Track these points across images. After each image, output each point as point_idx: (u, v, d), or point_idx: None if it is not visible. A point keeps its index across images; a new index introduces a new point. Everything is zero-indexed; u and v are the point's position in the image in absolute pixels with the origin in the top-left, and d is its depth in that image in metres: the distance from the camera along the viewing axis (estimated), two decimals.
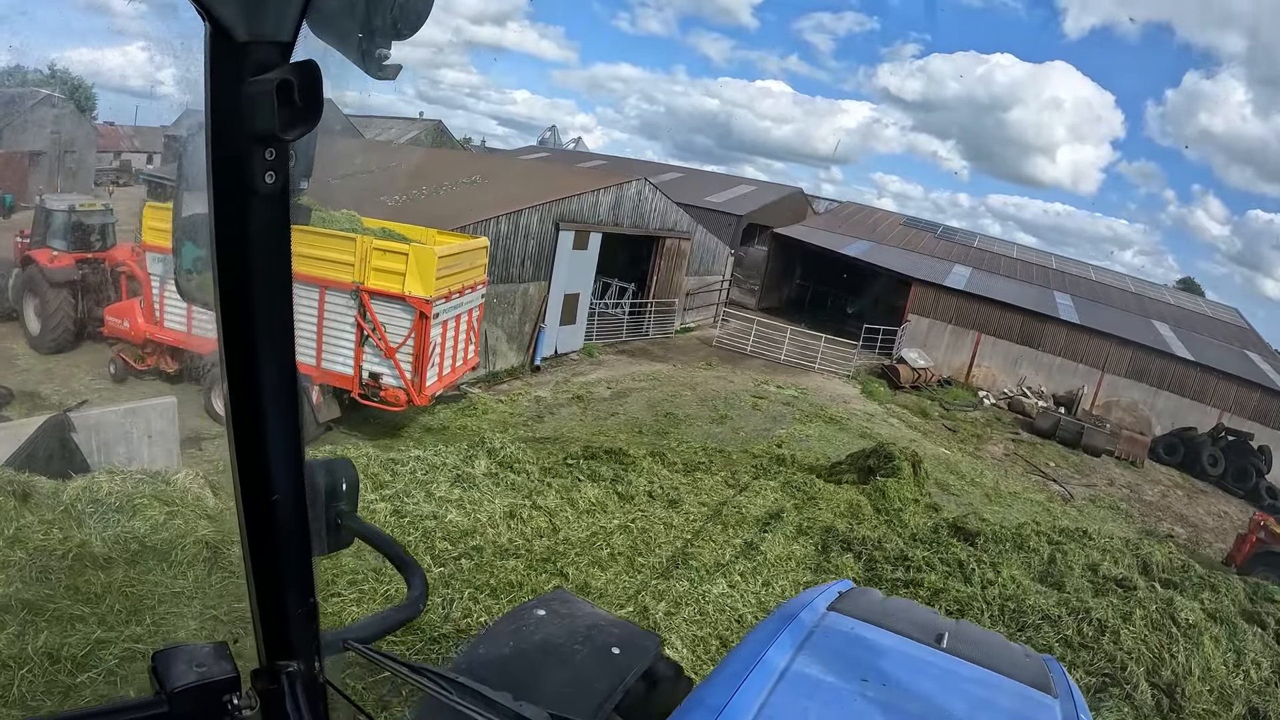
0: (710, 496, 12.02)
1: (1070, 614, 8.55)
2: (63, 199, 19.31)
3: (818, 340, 31.44)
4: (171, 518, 8.49)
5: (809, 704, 2.68)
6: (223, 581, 7.52)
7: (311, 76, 1.14)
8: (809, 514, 11.64)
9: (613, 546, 9.31)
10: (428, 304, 13.95)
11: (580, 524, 9.78)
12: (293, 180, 1.25)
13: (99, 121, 57.37)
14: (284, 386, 1.36)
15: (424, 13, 1.31)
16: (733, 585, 8.76)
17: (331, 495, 1.70)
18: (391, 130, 59.42)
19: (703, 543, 9.94)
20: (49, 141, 42.50)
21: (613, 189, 25.90)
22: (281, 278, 1.28)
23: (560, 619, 3.74)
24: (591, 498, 10.63)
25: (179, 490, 9.29)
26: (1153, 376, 31.77)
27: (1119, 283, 45.30)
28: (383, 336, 14.13)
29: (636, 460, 12.75)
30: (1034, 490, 22.12)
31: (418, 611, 1.93)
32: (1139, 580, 10.29)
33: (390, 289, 13.94)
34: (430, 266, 13.93)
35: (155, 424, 11.15)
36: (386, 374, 14.41)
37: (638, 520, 10.31)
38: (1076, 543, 11.54)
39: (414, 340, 14.12)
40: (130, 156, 58.22)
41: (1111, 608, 8.66)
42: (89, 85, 60.91)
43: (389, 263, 13.93)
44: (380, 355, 14.33)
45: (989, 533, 11.07)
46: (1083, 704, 3.24)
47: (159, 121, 57.12)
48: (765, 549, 9.89)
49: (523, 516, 9.43)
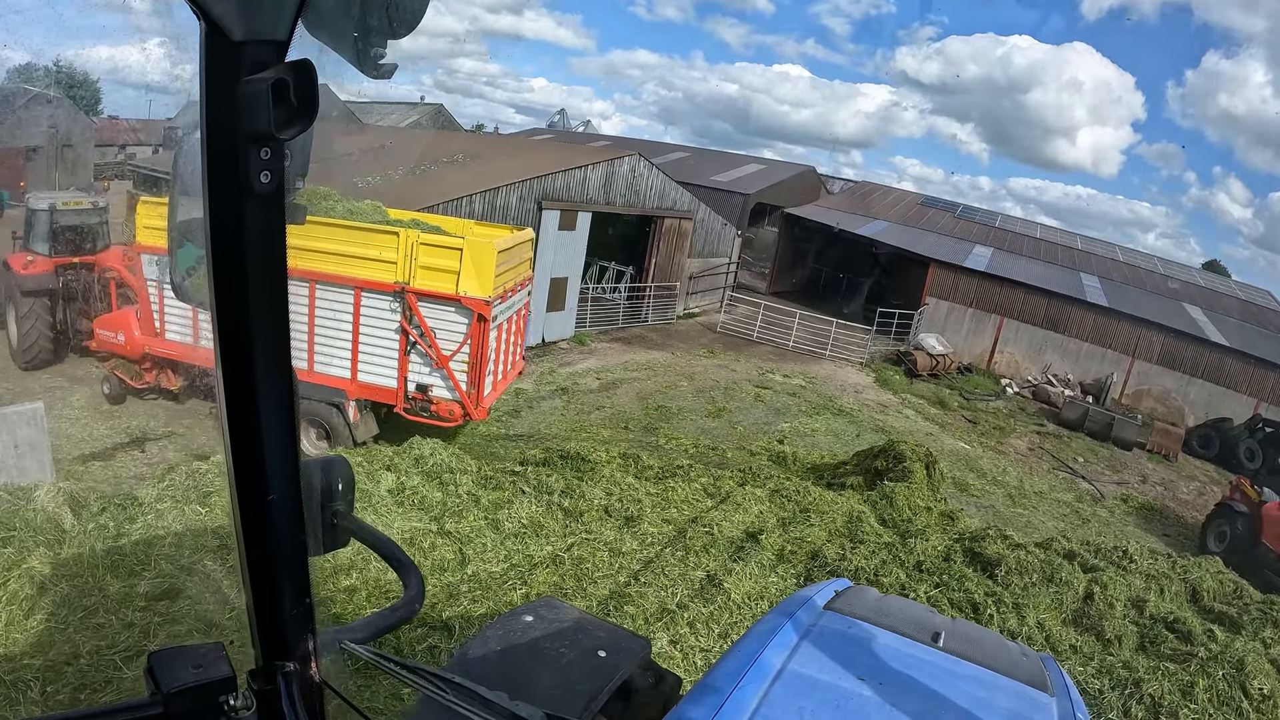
0: (680, 511, 10.21)
1: (1116, 687, 6.67)
2: (47, 196, 17.00)
3: (829, 325, 29.72)
4: (3, 546, 7.49)
5: (805, 703, 2.67)
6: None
7: (307, 76, 1.14)
8: (796, 533, 9.86)
9: (531, 584, 7.56)
10: (487, 305, 12.23)
11: (499, 554, 8.08)
12: (289, 180, 1.24)
13: (104, 116, 56.64)
14: (280, 386, 1.35)
15: (420, 11, 1.29)
16: (676, 640, 6.96)
17: (327, 495, 1.67)
18: (392, 116, 58.26)
19: (652, 577, 8.14)
20: (45, 137, 41.57)
21: (602, 165, 24.09)
22: (277, 277, 1.29)
23: (548, 624, 3.76)
24: (524, 517, 8.88)
25: (33, 510, 8.25)
26: (1185, 363, 29.93)
27: (1147, 264, 42.97)
28: (433, 343, 12.41)
29: (598, 466, 10.99)
30: (1061, 489, 20.28)
31: (414, 611, 1.92)
32: (1193, 621, 8.45)
33: (442, 290, 12.17)
34: (489, 263, 12.18)
35: (21, 433, 9.76)
36: (438, 385, 12.74)
37: (577, 546, 8.55)
38: (1116, 567, 9.72)
39: (470, 346, 12.45)
40: (135, 149, 57.41)
41: (1166, 675, 6.78)
42: (94, 80, 59.93)
43: (440, 259, 12.13)
44: (430, 364, 12.64)
45: (1012, 561, 9.13)
46: (1080, 702, 3.20)
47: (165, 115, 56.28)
48: (731, 585, 8.08)
49: (424, 547, 7.70)
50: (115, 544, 7.91)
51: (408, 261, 12.11)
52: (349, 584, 7.32)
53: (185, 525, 8.22)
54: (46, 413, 10.36)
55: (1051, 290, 32.09)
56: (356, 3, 1.24)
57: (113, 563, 7.56)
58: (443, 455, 10.16)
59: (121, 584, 7.25)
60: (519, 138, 48.94)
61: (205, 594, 7.22)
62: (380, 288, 12.28)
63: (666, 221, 28.52)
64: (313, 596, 1.54)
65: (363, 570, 7.43)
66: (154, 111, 55.25)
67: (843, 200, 45.59)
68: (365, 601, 7.06)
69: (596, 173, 23.85)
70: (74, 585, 7.19)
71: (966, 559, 9.48)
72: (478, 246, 12.26)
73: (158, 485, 9.06)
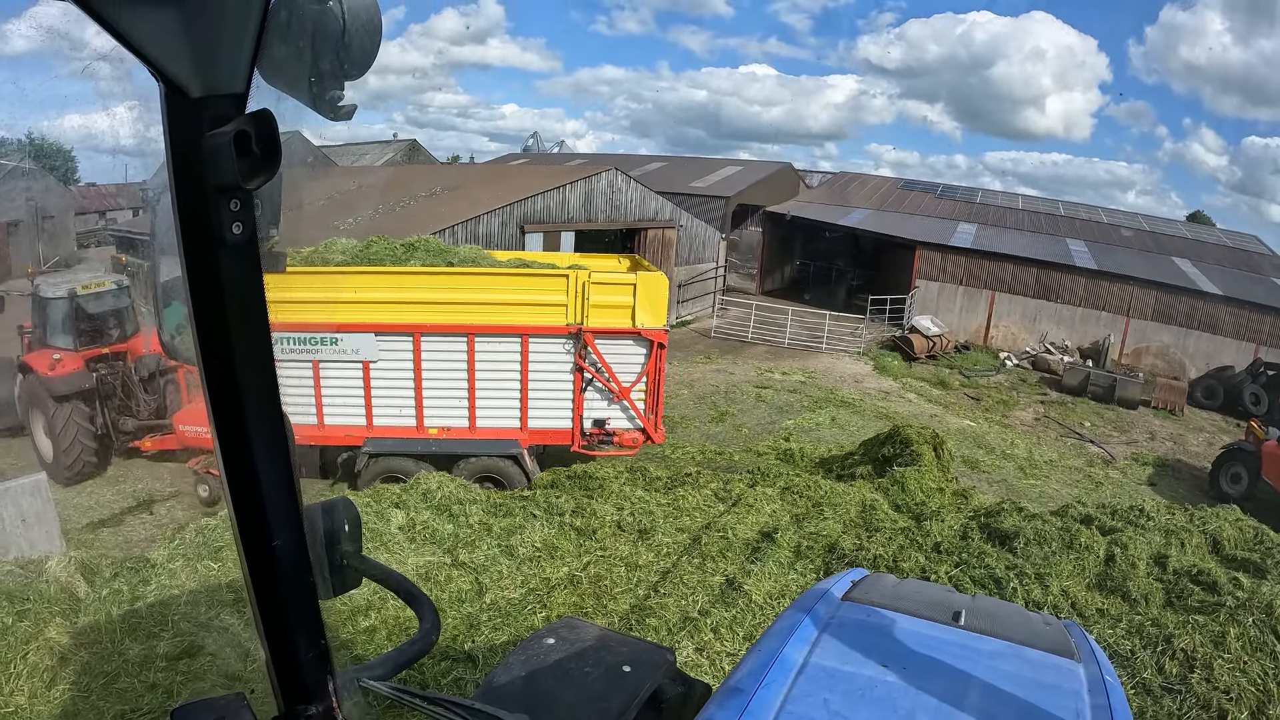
0: (692, 519, 10.16)
1: (1147, 646, 6.61)
2: (60, 281, 14.78)
3: (823, 319, 29.67)
4: (19, 620, 7.38)
5: (830, 696, 2.66)
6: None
7: (267, 125, 1.16)
8: (811, 528, 9.81)
9: (550, 607, 7.51)
10: (665, 333, 12.78)
11: (516, 580, 8.04)
12: (261, 229, 1.25)
13: (81, 184, 56.65)
14: (274, 434, 1.36)
15: (371, 52, 1.30)
16: (702, 648, 6.90)
17: (333, 537, 1.68)
18: (367, 156, 58.42)
19: (671, 586, 8.10)
20: (24, 210, 41.39)
21: (580, 183, 24.18)
22: (260, 326, 1.29)
23: (570, 644, 3.76)
24: (537, 541, 8.84)
25: (45, 582, 8.21)
26: (1181, 316, 29.96)
27: (1131, 223, 42.91)
28: (612, 377, 12.64)
29: (606, 482, 10.95)
30: (1071, 455, 20.28)
31: (430, 644, 1.91)
32: (1217, 571, 8.40)
33: (618, 325, 12.41)
34: (662, 294, 12.69)
35: (27, 505, 9.77)
36: (616, 417, 12.99)
37: (593, 565, 8.51)
38: (1134, 526, 9.65)
39: (648, 375, 12.82)
40: (115, 214, 57.39)
41: (1196, 628, 6.72)
42: (67, 150, 60.00)
43: (612, 296, 12.34)
44: (609, 398, 12.87)
45: (1029, 533, 9.07)
46: (1107, 665, 3.17)
47: (140, 177, 56.33)
48: (751, 587, 8.03)
49: (439, 580, 7.66)
50: (131, 607, 7.92)
51: (579, 301, 12.23)
52: (368, 624, 7.29)
53: (199, 582, 8.21)
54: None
55: (1039, 259, 32.13)
56: (308, 49, 1.25)
57: (130, 626, 7.56)
58: (450, 487, 10.11)
59: (141, 646, 7.24)
60: (495, 165, 49.01)
61: (225, 647, 7.21)
62: (551, 331, 12.36)
63: (650, 232, 28.55)
64: (329, 639, 1.55)
65: (380, 610, 7.40)
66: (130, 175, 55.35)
67: (822, 193, 45.64)
68: (385, 641, 7.02)
69: (575, 191, 23.91)
70: (93, 652, 7.20)
71: (984, 535, 9.43)
72: (650, 280, 12.64)
73: (169, 545, 9.05)
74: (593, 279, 12.31)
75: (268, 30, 1.17)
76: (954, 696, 2.69)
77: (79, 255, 43.97)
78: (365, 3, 1.30)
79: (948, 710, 2.63)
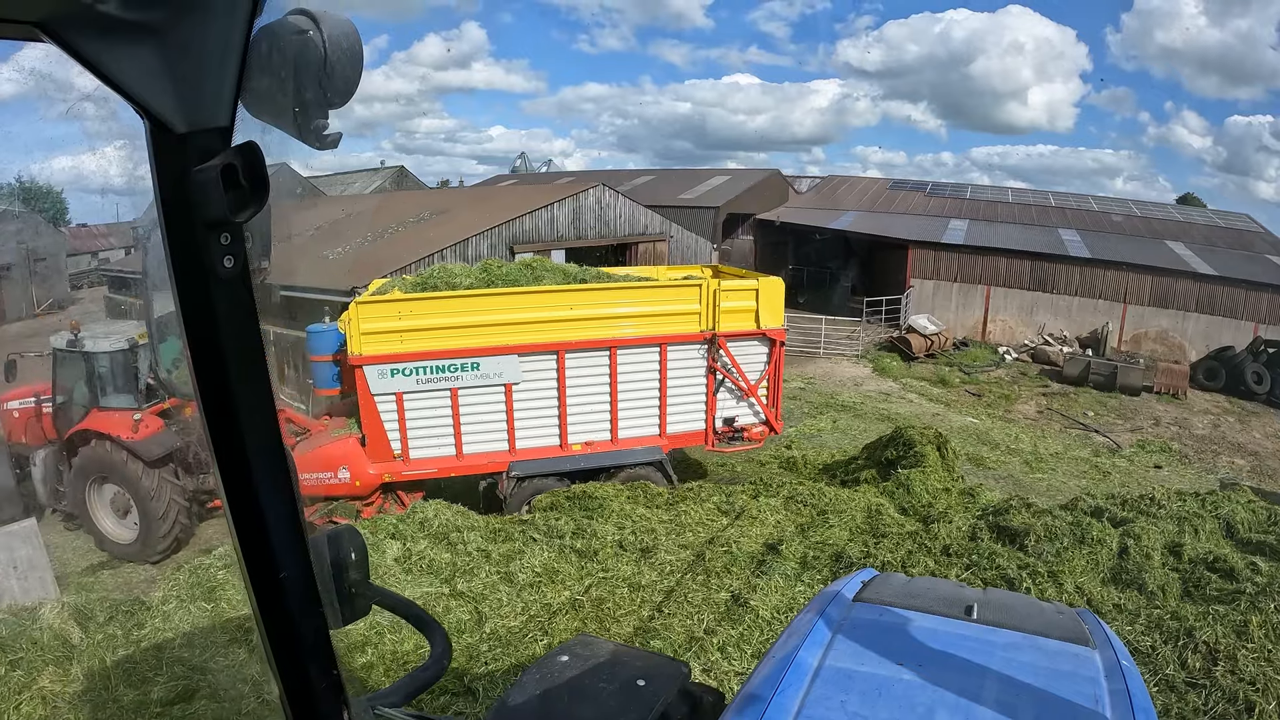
0: (695, 534, 9.97)
1: (1168, 641, 6.41)
2: (107, 333, 12.72)
3: (819, 324, 29.53)
4: (12, 669, 7.31)
5: (847, 697, 2.66)
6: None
7: (254, 158, 1.16)
8: (817, 537, 9.60)
9: (552, 634, 7.31)
10: (784, 332, 13.69)
11: (515, 607, 7.86)
12: (252, 261, 1.25)
13: (73, 225, 56.60)
14: (275, 466, 1.35)
15: (353, 79, 1.28)
16: (709, 668, 6.69)
17: (340, 566, 1.65)
18: (355, 184, 58.56)
19: (676, 606, 7.91)
20: (16, 254, 41.28)
21: (568, 200, 24.14)
22: (256, 358, 1.29)
23: (584, 661, 3.70)
24: (537, 566, 8.66)
25: (39, 629, 8.07)
26: (1178, 300, 30.01)
27: (1122, 209, 42.88)
28: (741, 375, 13.37)
29: (606, 501, 10.75)
30: (1077, 446, 20.11)
31: (443, 669, 1.94)
32: (1233, 557, 8.21)
33: (745, 328, 13.22)
34: (779, 296, 13.51)
35: (19, 552, 9.68)
36: (743, 414, 13.71)
37: (595, 587, 8.32)
38: (1146, 516, 9.46)
39: (771, 372, 13.66)
40: (108, 254, 57.42)
41: (1217, 618, 6.52)
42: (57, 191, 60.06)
43: (738, 300, 13.13)
44: (737, 396, 13.59)
45: (1040, 529, 8.87)
46: (1123, 650, 3.15)
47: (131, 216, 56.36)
48: (757, 602, 7.83)
49: (437, 611, 7.49)
50: (126, 653, 7.81)
51: (710, 308, 12.90)
52: (365, 660, 7.11)
53: (193, 624, 8.05)
54: None
55: (1033, 251, 32.11)
56: (290, 79, 1.24)
57: (124, 672, 7.45)
58: (447, 515, 9.95)
59: (135, 692, 7.15)
60: (482, 187, 49.00)
61: (222, 688, 7.06)
62: (687, 339, 13.00)
63: (640, 246, 28.45)
64: (340, 668, 1.54)
65: (377, 645, 7.25)
66: (120, 213, 55.39)
67: (812, 197, 45.66)
68: (384, 676, 6.86)
69: (563, 209, 23.87)
70: (87, 700, 7.09)
71: (993, 534, 9.23)
72: (770, 284, 13.44)
73: (164, 587, 8.90)
74: (722, 287, 13.08)
75: (249, 62, 1.16)
76: (972, 690, 2.69)
77: (73, 297, 43.87)
78: (345, 30, 1.27)
79: (966, 705, 2.63)
